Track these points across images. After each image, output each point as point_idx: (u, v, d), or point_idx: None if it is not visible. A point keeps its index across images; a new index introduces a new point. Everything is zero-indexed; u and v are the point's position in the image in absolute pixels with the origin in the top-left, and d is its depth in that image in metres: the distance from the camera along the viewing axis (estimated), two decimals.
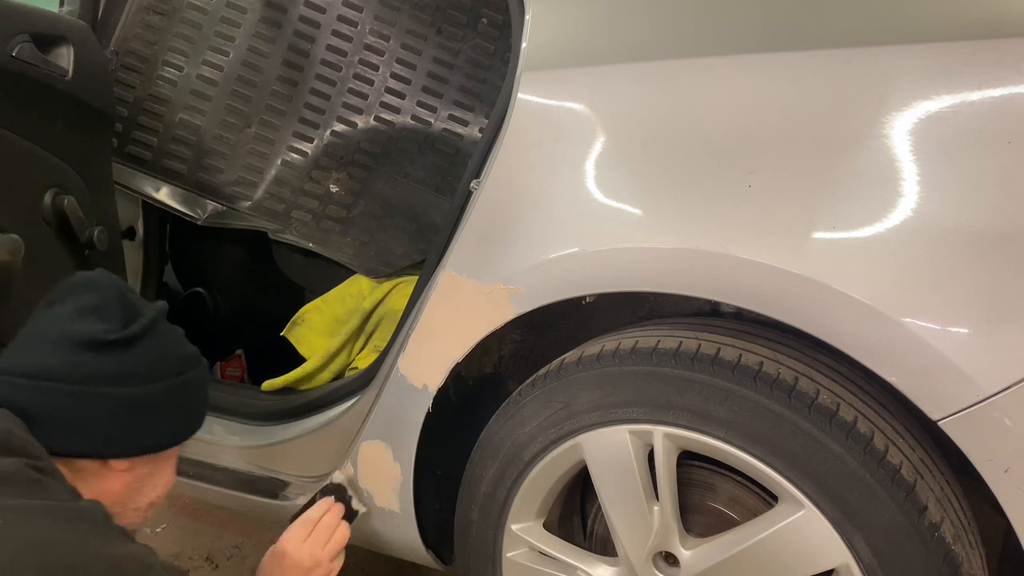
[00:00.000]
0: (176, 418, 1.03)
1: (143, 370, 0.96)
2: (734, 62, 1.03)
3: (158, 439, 1.02)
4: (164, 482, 1.07)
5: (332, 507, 1.32)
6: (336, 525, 1.29)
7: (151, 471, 1.03)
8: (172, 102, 1.77)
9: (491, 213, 1.18)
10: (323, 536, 1.25)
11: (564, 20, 1.19)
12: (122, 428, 0.96)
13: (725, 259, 0.99)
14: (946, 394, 0.90)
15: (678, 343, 1.07)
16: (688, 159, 1.04)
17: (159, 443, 1.02)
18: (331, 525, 1.28)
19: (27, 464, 0.83)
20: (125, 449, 0.98)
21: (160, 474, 1.05)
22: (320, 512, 1.30)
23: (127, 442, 0.98)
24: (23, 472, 0.81)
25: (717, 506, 1.18)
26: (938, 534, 0.94)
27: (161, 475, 1.06)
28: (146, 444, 1.00)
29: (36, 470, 0.83)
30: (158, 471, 1.05)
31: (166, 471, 1.07)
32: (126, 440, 0.97)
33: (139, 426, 0.97)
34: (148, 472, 1.03)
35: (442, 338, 1.26)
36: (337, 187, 1.83)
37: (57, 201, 1.33)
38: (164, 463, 1.06)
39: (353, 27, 1.77)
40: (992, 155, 0.88)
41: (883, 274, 0.92)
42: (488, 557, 1.30)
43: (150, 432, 0.99)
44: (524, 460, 1.21)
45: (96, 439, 0.95)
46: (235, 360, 2.09)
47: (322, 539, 1.24)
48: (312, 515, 1.29)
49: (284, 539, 1.23)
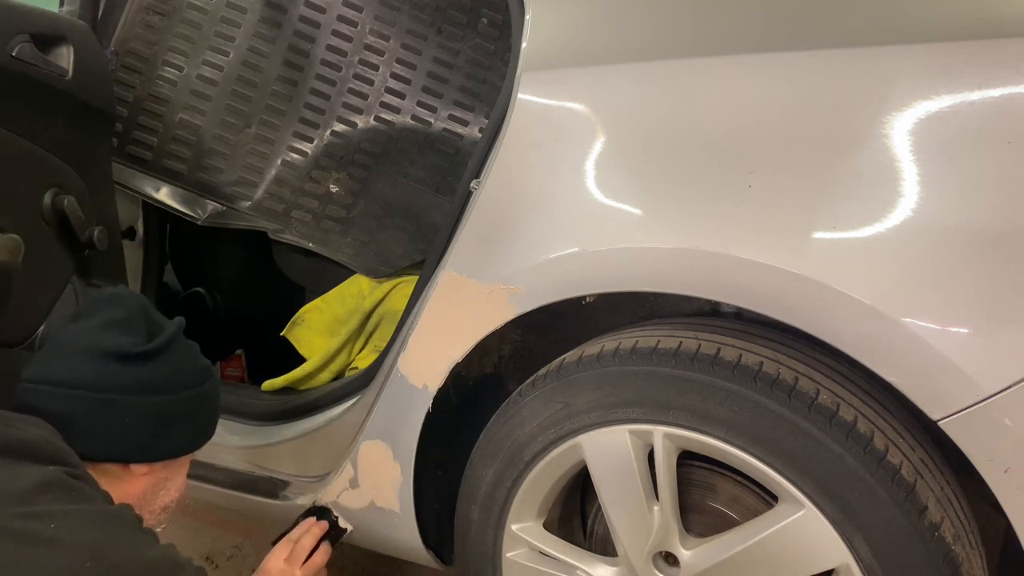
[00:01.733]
0: (193, 427, 1.10)
1: (164, 381, 1.03)
2: (734, 62, 1.02)
3: (177, 446, 1.08)
4: (177, 487, 1.14)
5: (312, 528, 1.40)
6: (311, 545, 1.36)
7: (167, 476, 1.10)
8: (172, 102, 1.77)
9: (491, 213, 1.18)
10: (301, 556, 1.33)
11: (564, 20, 1.19)
12: (145, 435, 1.03)
13: (725, 259, 0.99)
14: (946, 394, 0.90)
15: (678, 343, 1.07)
16: (688, 159, 1.04)
17: (177, 450, 1.09)
18: (308, 546, 1.35)
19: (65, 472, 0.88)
20: (147, 455, 1.05)
21: (175, 479, 1.12)
22: (300, 532, 1.38)
23: (149, 448, 1.04)
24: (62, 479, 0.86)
25: (717, 506, 1.18)
26: (938, 534, 0.94)
27: (175, 480, 1.12)
28: (165, 450, 1.07)
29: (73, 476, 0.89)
30: (173, 476, 1.12)
31: (180, 476, 1.14)
32: (148, 446, 1.04)
33: (161, 433, 1.04)
34: (165, 477, 1.10)
35: (442, 338, 1.26)
36: (337, 187, 1.83)
37: (57, 201, 1.33)
38: (179, 469, 1.13)
39: (353, 27, 1.77)
40: (992, 155, 0.88)
41: (883, 274, 0.91)
42: (488, 557, 1.31)
43: (170, 439, 1.06)
44: (524, 460, 1.21)
45: (121, 445, 1.01)
46: (235, 360, 2.09)
47: (300, 558, 1.32)
48: (292, 535, 1.37)
49: (266, 559, 1.31)
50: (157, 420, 1.03)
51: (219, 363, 2.05)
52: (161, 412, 1.03)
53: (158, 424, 1.03)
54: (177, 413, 1.05)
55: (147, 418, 1.02)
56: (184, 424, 1.07)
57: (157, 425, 1.03)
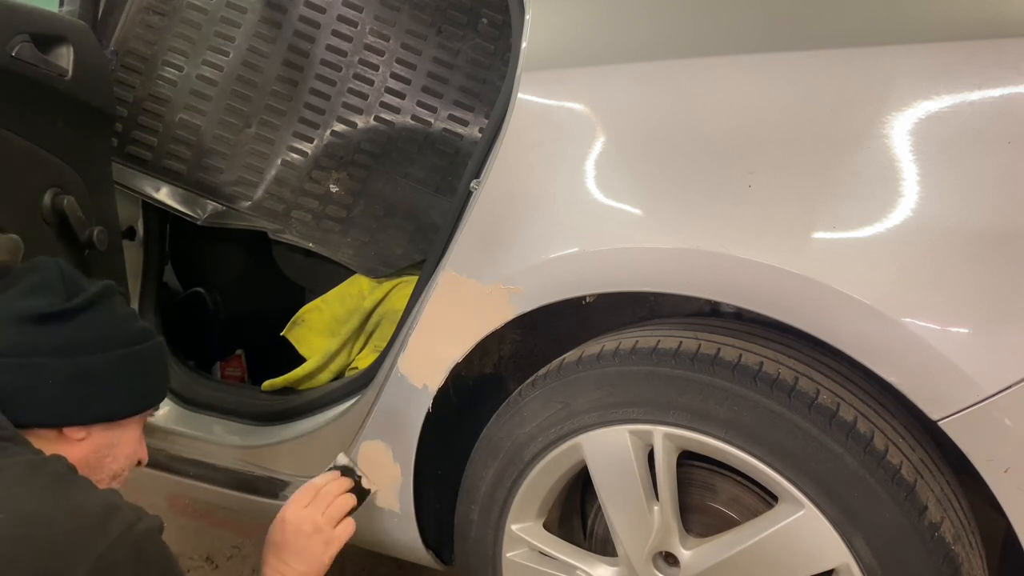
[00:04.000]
0: (129, 389, 1.06)
1: (89, 340, 1.01)
2: (734, 62, 1.03)
3: (110, 408, 1.05)
4: (126, 455, 1.10)
5: (338, 478, 1.31)
6: (338, 493, 1.26)
7: (110, 442, 1.07)
8: (172, 102, 1.77)
9: (491, 213, 1.18)
10: (324, 502, 1.23)
11: (564, 20, 1.19)
12: (72, 397, 1.00)
13: (725, 259, 0.99)
14: (946, 394, 0.90)
15: (678, 343, 1.07)
16: (688, 159, 1.04)
17: (112, 412, 1.05)
18: (333, 492, 1.26)
19: None
20: (77, 417, 1.02)
21: (121, 446, 1.08)
22: (324, 480, 1.29)
23: (79, 411, 1.02)
24: None
25: (717, 506, 1.18)
26: (938, 534, 0.94)
27: (122, 447, 1.09)
28: (98, 413, 1.04)
29: None
30: (119, 443, 1.08)
31: (127, 443, 1.10)
32: (77, 409, 1.01)
33: (89, 395, 1.01)
34: (107, 443, 1.06)
35: (442, 338, 1.26)
36: (337, 187, 1.83)
37: (57, 201, 1.33)
38: (124, 435, 1.09)
39: (353, 27, 1.77)
40: (992, 155, 0.88)
41: (883, 274, 0.92)
42: (488, 557, 1.30)
43: (101, 401, 1.03)
44: (524, 460, 1.21)
45: (48, 408, 0.99)
46: (235, 360, 2.09)
47: (322, 505, 1.22)
48: (316, 482, 1.27)
49: (285, 506, 1.22)
50: (84, 381, 1.00)
51: (219, 363, 2.05)
52: (87, 372, 1.00)
53: (86, 385, 1.00)
54: (108, 373, 1.02)
55: (72, 379, 0.99)
56: (117, 386, 1.04)
57: (84, 386, 1.00)
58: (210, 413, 1.67)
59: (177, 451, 1.64)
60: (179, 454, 1.64)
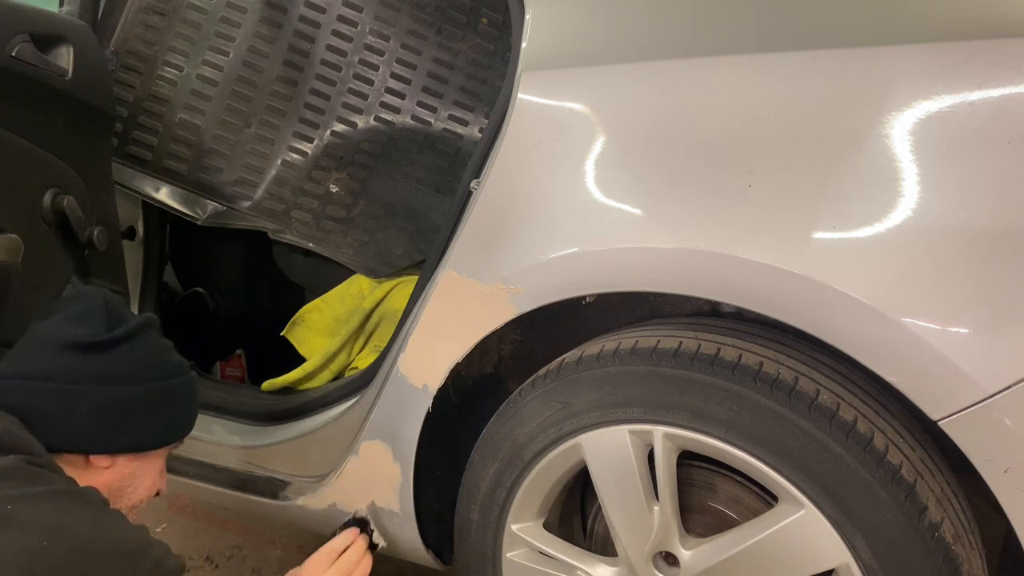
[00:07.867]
0: (158, 421, 1.09)
1: (125, 371, 1.04)
2: (734, 62, 1.02)
3: (138, 440, 1.07)
4: (147, 486, 1.12)
5: (357, 539, 1.32)
6: (359, 560, 1.29)
7: (134, 472, 1.09)
8: (172, 102, 1.77)
9: (491, 213, 1.18)
10: (345, 569, 1.25)
11: (564, 20, 1.19)
12: (103, 426, 1.02)
13: (725, 259, 0.99)
14: (946, 394, 0.90)
15: (678, 343, 1.07)
16: (688, 159, 1.04)
17: (139, 444, 1.08)
18: (354, 560, 1.28)
19: (25, 460, 0.89)
20: (106, 446, 1.04)
21: (143, 477, 1.11)
22: (344, 543, 1.30)
23: (107, 439, 1.04)
24: (21, 467, 0.87)
25: (717, 506, 1.18)
26: (938, 534, 0.94)
27: (144, 478, 1.11)
28: (126, 443, 1.06)
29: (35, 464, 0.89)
30: (142, 474, 1.10)
31: (149, 475, 1.12)
32: (106, 437, 1.04)
33: (120, 425, 1.04)
34: (131, 472, 1.08)
35: (442, 338, 1.26)
36: (337, 187, 1.83)
37: (57, 201, 1.33)
38: (147, 466, 1.11)
39: (353, 27, 1.77)
40: (992, 155, 0.88)
41: (883, 274, 0.91)
42: (488, 557, 1.30)
43: (131, 432, 1.05)
44: (524, 460, 1.21)
45: (79, 435, 1.02)
46: (235, 360, 2.09)
47: (344, 572, 1.25)
48: (336, 545, 1.29)
49: (306, 566, 1.24)
50: (116, 411, 1.03)
51: (219, 363, 2.05)
52: (121, 403, 1.03)
53: (118, 415, 1.03)
54: (139, 405, 1.05)
55: (105, 408, 1.01)
56: (148, 417, 1.06)
57: (117, 416, 1.03)
58: (210, 413, 1.67)
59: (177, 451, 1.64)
60: (179, 454, 1.63)
